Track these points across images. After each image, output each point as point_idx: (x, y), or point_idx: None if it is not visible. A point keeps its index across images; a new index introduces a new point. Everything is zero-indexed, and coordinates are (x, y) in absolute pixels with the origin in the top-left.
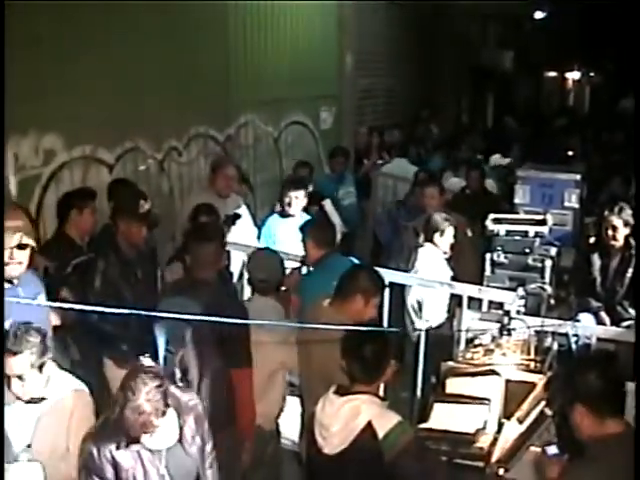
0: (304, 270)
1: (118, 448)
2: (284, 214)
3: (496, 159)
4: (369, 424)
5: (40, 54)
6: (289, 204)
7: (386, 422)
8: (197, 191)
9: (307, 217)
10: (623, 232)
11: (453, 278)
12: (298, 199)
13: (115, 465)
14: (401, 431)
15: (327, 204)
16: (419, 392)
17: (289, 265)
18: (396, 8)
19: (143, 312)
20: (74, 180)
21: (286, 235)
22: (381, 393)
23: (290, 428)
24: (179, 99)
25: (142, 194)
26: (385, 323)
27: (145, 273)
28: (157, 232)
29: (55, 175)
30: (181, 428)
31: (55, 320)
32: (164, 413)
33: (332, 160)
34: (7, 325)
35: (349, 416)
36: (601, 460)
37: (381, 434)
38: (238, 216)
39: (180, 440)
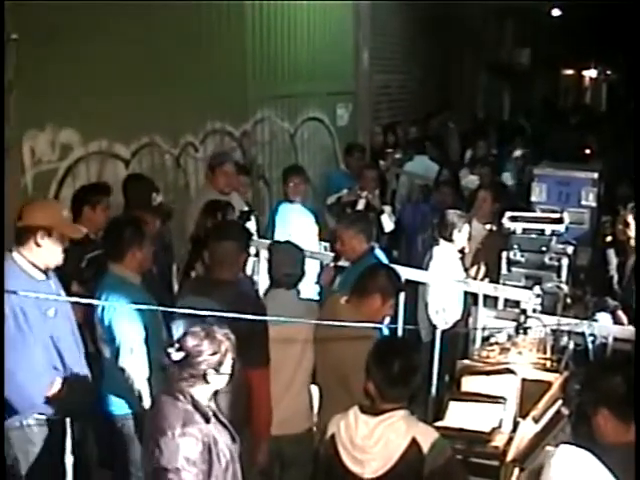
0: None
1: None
2: (289, 201)
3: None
4: (414, 440)
5: (57, 49)
6: (288, 192)
7: (429, 436)
8: (200, 195)
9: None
10: (635, 229)
11: None
12: (297, 186)
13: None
14: (442, 445)
15: (386, 210)
16: (434, 390)
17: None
18: (412, 5)
19: (160, 308)
20: (90, 175)
21: (293, 221)
22: None
23: None
24: (196, 94)
25: (154, 187)
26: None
27: (160, 268)
28: (173, 227)
29: (71, 170)
30: None
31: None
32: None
33: (348, 157)
34: None
35: (389, 435)
36: (625, 465)
37: (426, 448)
38: (252, 212)
39: None
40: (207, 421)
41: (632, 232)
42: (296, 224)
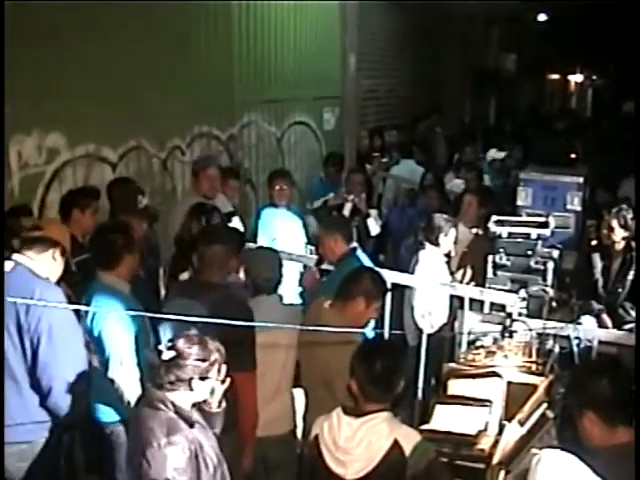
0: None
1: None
2: (274, 205)
3: (493, 153)
4: (396, 442)
5: (44, 53)
6: (274, 196)
7: (411, 438)
8: (184, 199)
9: (292, 210)
10: (620, 233)
11: None
12: (283, 190)
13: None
14: (425, 447)
15: (372, 214)
16: (421, 394)
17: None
18: (399, 10)
19: (147, 314)
20: (77, 179)
21: (278, 225)
22: None
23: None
24: (183, 98)
25: (140, 190)
26: (387, 324)
27: (147, 271)
28: (159, 231)
29: (58, 173)
30: None
31: None
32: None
33: (326, 168)
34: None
35: (372, 436)
36: (611, 469)
37: (408, 451)
38: (234, 213)
39: None
40: (191, 426)
41: (616, 237)
42: (281, 228)
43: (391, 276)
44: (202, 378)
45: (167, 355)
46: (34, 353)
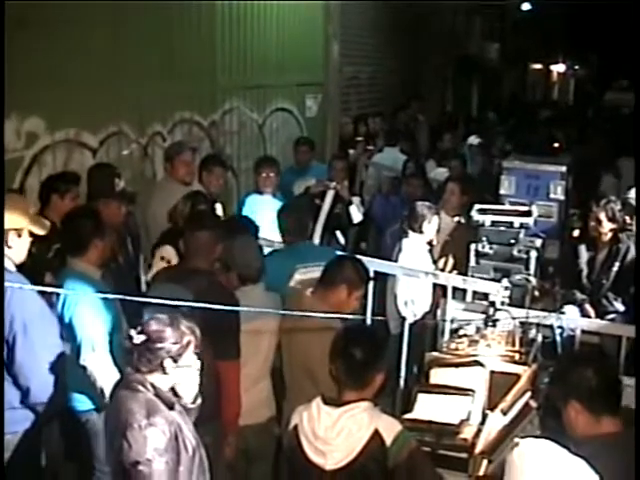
0: None
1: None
2: (259, 192)
3: (472, 140)
4: (376, 432)
5: (24, 37)
6: (259, 183)
7: (392, 428)
8: (161, 183)
9: (277, 197)
10: (607, 226)
11: None
12: (269, 177)
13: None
14: (406, 437)
15: (355, 201)
16: (403, 382)
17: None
18: None
19: (129, 297)
20: (57, 164)
21: (263, 213)
22: None
23: None
24: (164, 84)
25: (116, 173)
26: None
27: (127, 257)
28: (138, 217)
29: (37, 158)
30: None
31: None
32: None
33: (295, 150)
34: None
35: (352, 426)
36: (595, 459)
37: (389, 441)
38: (215, 201)
39: None
40: (171, 407)
41: (604, 229)
42: (266, 216)
43: (374, 264)
44: (175, 360)
45: (138, 339)
46: (10, 351)
